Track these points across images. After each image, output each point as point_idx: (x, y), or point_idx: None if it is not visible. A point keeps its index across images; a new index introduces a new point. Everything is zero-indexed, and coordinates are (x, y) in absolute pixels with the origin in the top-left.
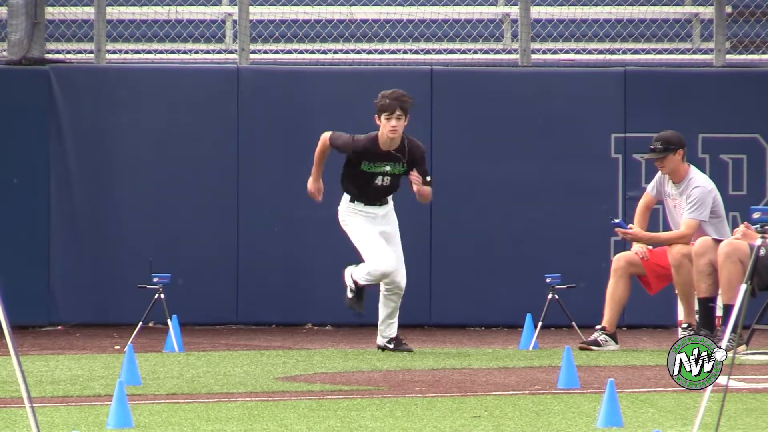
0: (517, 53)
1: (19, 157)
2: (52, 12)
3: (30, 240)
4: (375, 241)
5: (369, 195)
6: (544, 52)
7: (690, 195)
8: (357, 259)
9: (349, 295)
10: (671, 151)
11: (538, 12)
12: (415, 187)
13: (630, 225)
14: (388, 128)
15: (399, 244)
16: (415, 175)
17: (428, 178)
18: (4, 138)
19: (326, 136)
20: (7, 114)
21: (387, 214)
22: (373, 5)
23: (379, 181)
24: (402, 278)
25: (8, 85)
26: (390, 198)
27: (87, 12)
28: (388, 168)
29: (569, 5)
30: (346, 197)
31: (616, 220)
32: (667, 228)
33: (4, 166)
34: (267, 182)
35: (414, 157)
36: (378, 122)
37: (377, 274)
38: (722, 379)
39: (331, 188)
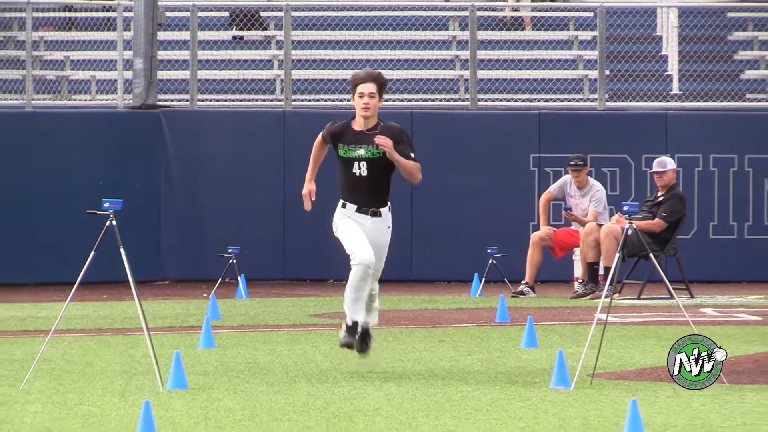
0: (468, 101)
1: (140, 170)
2: (161, 74)
3: (147, 224)
4: (358, 235)
5: (352, 191)
6: (486, 101)
7: (595, 195)
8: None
9: (342, 333)
10: (585, 166)
11: (482, 74)
12: (386, 151)
13: (570, 210)
14: (361, 105)
15: (382, 258)
16: (382, 139)
17: (411, 155)
18: (130, 158)
19: (319, 135)
20: (133, 142)
21: (376, 228)
22: (376, 68)
23: (356, 169)
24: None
25: (133, 122)
26: (384, 213)
27: (184, 74)
28: (362, 151)
29: (502, 69)
30: (338, 205)
31: (567, 206)
32: (558, 215)
33: (131, 176)
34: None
35: (392, 134)
36: (353, 101)
37: (356, 262)
38: (603, 316)
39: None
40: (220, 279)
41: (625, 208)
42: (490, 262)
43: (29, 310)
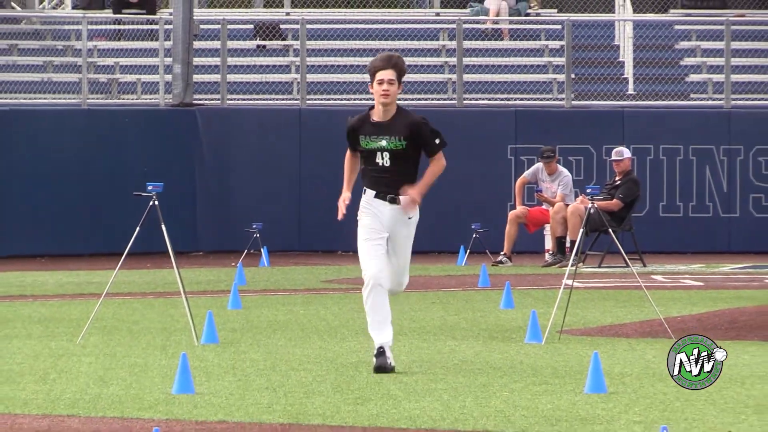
0: (455, 100)
1: (178, 158)
2: (196, 77)
3: (185, 205)
4: (373, 250)
5: (375, 180)
6: (471, 100)
7: (563, 180)
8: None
9: (374, 358)
10: (554, 157)
11: (467, 77)
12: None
13: (541, 192)
14: (380, 92)
15: (404, 251)
16: (408, 206)
17: (437, 142)
18: (170, 148)
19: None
20: (172, 135)
21: (394, 217)
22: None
23: (378, 159)
24: (397, 285)
25: (172, 118)
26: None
27: (216, 77)
28: (384, 143)
29: (484, 73)
30: (363, 192)
31: (538, 189)
32: (532, 197)
33: (171, 162)
34: (316, 175)
35: (413, 130)
36: (371, 89)
37: (366, 279)
38: (569, 281)
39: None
40: (245, 250)
41: (588, 190)
42: (473, 236)
43: (84, 277)
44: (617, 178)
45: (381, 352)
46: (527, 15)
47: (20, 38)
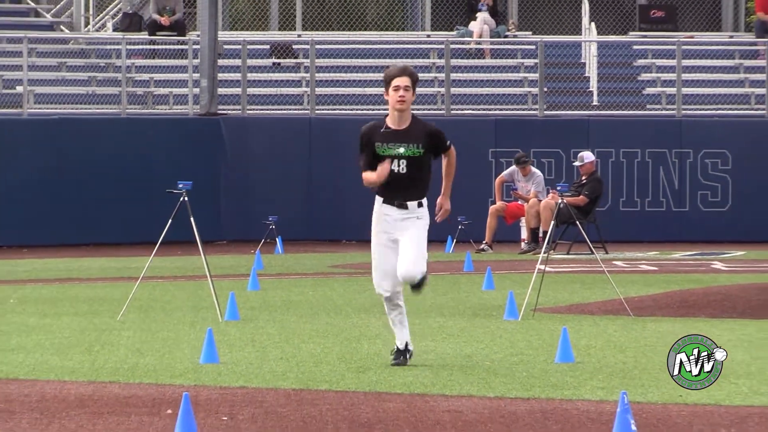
0: (444, 110)
1: (205, 160)
2: (221, 90)
3: (210, 201)
4: (382, 261)
5: (389, 185)
6: (457, 110)
7: (536, 179)
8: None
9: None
10: (528, 161)
11: (454, 91)
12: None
13: (517, 190)
14: (396, 99)
15: (415, 243)
16: (443, 215)
17: (448, 143)
18: (198, 151)
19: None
20: (200, 140)
21: (403, 219)
22: (375, 87)
23: (395, 166)
24: (412, 270)
25: (200, 126)
26: (411, 206)
27: (237, 90)
28: (402, 150)
29: (469, 87)
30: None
31: (514, 187)
32: (510, 197)
33: (199, 163)
34: (323, 175)
35: (433, 140)
36: (387, 96)
37: (377, 292)
38: (542, 267)
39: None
40: (263, 240)
41: (558, 188)
42: (459, 227)
43: (124, 262)
44: (583, 178)
45: (398, 352)
46: (506, 37)
47: (68, 57)
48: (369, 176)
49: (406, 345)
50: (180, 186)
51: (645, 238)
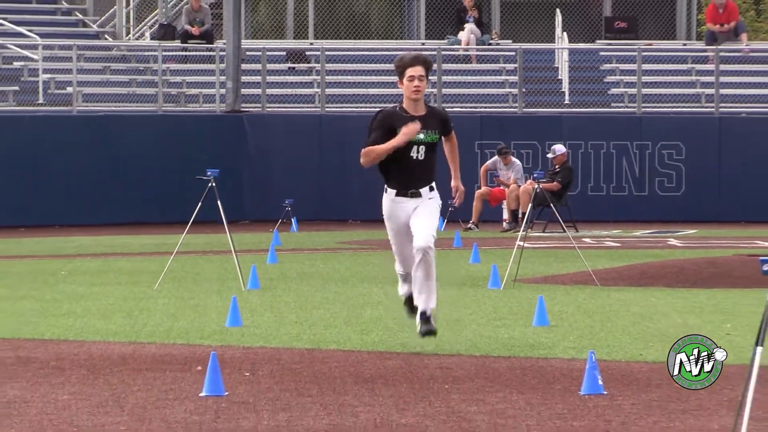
0: None
1: (230, 150)
2: (244, 91)
3: (235, 186)
4: (397, 248)
5: (405, 175)
6: (448, 108)
7: (515, 168)
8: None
9: (417, 322)
10: (509, 152)
11: (446, 91)
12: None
13: (498, 176)
14: (411, 88)
15: (426, 216)
16: (459, 199)
17: (451, 125)
18: (225, 142)
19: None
20: (226, 133)
21: (416, 204)
22: (378, 88)
23: (413, 153)
24: (424, 240)
25: (226, 121)
26: (424, 193)
27: (257, 90)
28: (422, 136)
29: (458, 88)
30: (384, 192)
31: (496, 174)
32: (493, 182)
33: (224, 153)
34: (332, 164)
35: (446, 124)
36: (401, 86)
37: (398, 273)
38: (521, 243)
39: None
40: (280, 220)
41: (535, 175)
42: (449, 209)
43: (161, 239)
44: (556, 167)
45: (425, 318)
46: (489, 44)
47: (112, 61)
48: (379, 148)
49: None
50: (208, 173)
51: (610, 219)
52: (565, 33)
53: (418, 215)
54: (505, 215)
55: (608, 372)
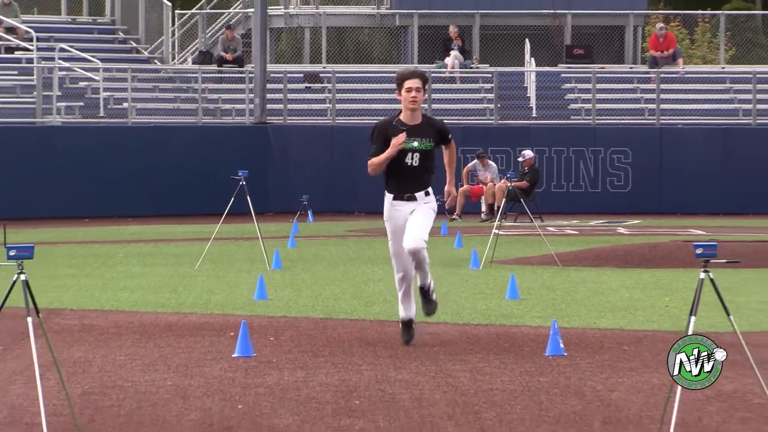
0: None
1: (257, 155)
2: (269, 105)
3: (261, 183)
4: (394, 249)
5: (401, 180)
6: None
7: (492, 169)
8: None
9: (400, 330)
10: (486, 156)
11: (434, 107)
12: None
13: (477, 176)
14: (409, 99)
15: (421, 219)
16: (450, 199)
17: (449, 136)
18: (254, 148)
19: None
20: (255, 141)
21: (413, 208)
22: (377, 103)
23: (408, 160)
24: (417, 242)
25: (254, 131)
26: (420, 197)
27: (280, 105)
28: (416, 144)
29: (443, 103)
30: (385, 197)
31: (475, 174)
32: (473, 180)
33: (253, 157)
34: (341, 166)
35: (442, 134)
36: (399, 96)
37: (396, 275)
38: (497, 231)
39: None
40: (298, 212)
41: (508, 175)
42: (437, 203)
43: (200, 228)
44: (526, 168)
45: (405, 324)
46: (471, 68)
47: (160, 82)
48: (378, 158)
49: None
50: (239, 173)
51: (569, 211)
52: (532, 58)
53: (413, 219)
54: (484, 208)
55: (568, 337)
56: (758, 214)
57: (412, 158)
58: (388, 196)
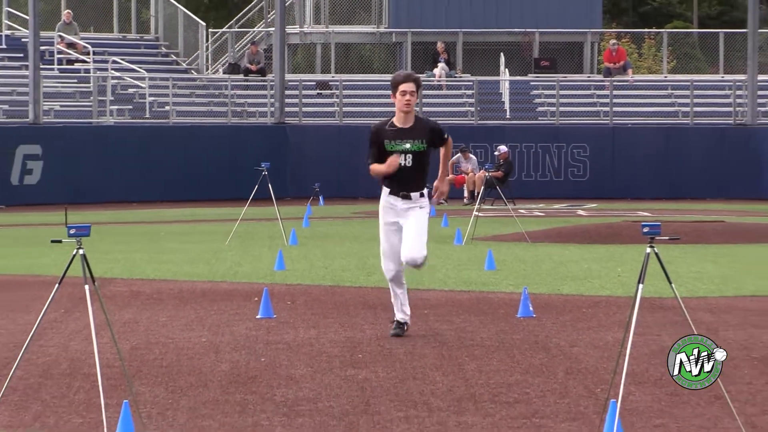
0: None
1: (277, 151)
2: (287, 108)
3: (281, 173)
4: (384, 245)
5: (395, 179)
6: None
7: (473, 162)
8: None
9: (391, 326)
10: (467, 150)
11: (425, 109)
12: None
13: (460, 167)
14: (403, 102)
15: (417, 228)
16: (439, 197)
17: (445, 135)
18: (275, 144)
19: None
20: (275, 139)
21: (408, 208)
22: (377, 106)
23: (402, 160)
24: (415, 255)
25: (274, 130)
26: (414, 197)
27: (296, 108)
28: (408, 145)
29: (432, 107)
30: (381, 191)
31: (459, 166)
32: (457, 170)
33: (274, 151)
34: (347, 160)
35: (435, 135)
36: (393, 99)
37: (385, 275)
38: (477, 213)
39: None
40: (311, 197)
41: (486, 166)
42: (426, 189)
43: (229, 210)
44: (501, 161)
45: (397, 324)
46: (455, 77)
47: (196, 89)
48: (378, 168)
49: (405, 319)
50: (262, 165)
51: (537, 196)
52: (507, 69)
53: (408, 227)
54: (466, 194)
55: (536, 301)
56: (695, 199)
57: (405, 159)
58: (385, 191)
